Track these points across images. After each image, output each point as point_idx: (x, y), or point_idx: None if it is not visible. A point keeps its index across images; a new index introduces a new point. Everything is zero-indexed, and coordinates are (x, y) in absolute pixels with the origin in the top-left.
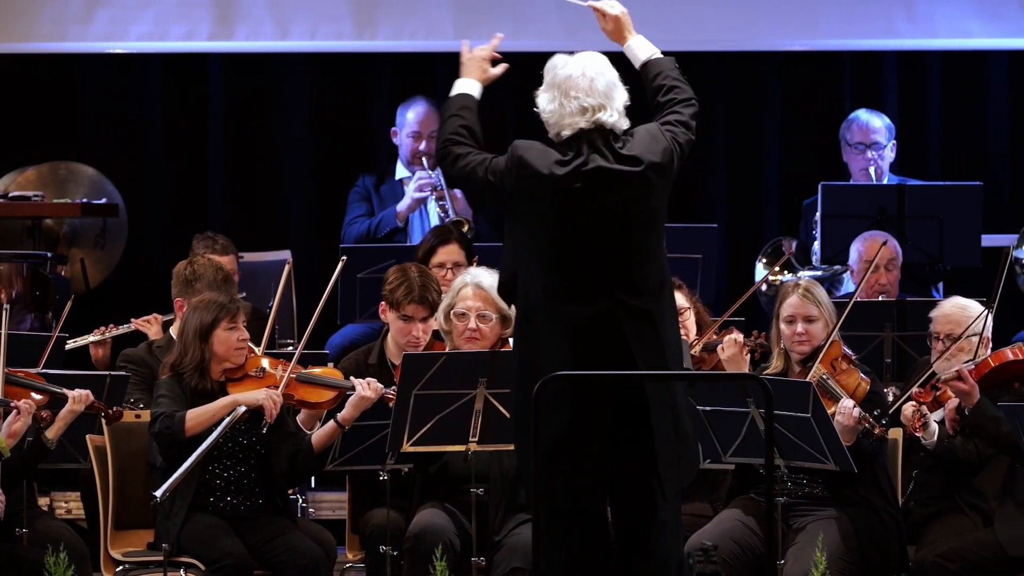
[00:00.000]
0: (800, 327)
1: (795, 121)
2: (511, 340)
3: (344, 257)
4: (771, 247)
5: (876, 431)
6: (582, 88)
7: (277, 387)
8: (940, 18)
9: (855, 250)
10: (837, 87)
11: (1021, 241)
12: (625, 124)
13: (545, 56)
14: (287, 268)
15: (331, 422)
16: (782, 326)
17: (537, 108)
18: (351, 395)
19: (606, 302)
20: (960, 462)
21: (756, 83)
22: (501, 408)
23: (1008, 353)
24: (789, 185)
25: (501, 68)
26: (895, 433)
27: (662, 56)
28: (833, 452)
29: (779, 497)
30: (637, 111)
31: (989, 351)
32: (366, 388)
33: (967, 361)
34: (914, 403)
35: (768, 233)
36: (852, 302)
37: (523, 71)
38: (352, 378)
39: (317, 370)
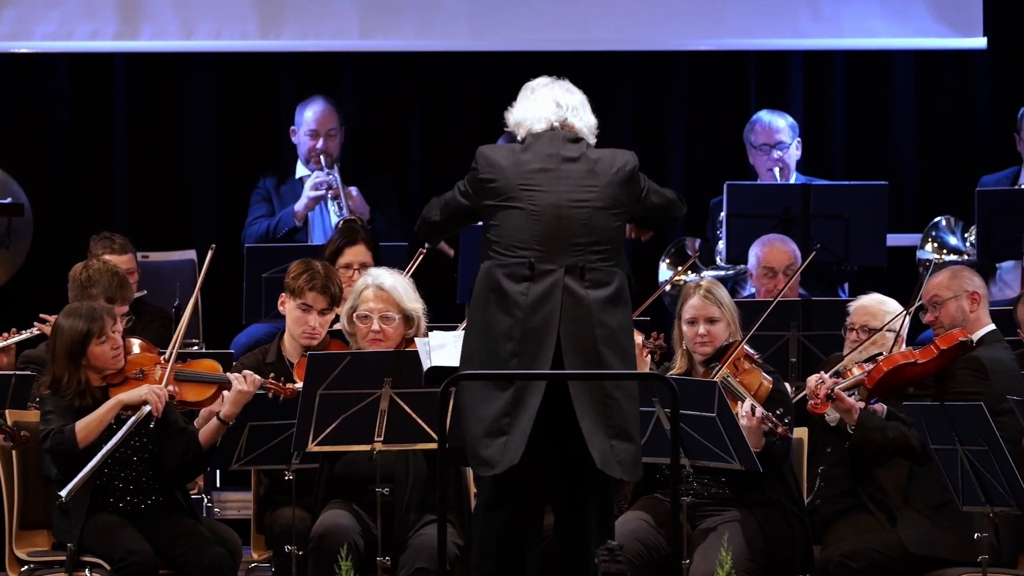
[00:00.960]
0: (702, 328)
1: (701, 120)
2: (416, 340)
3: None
4: (674, 247)
5: (780, 430)
6: (558, 93)
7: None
8: (846, 18)
9: (754, 255)
10: (743, 86)
11: (924, 241)
12: (592, 142)
13: (452, 56)
14: (208, 256)
15: (214, 418)
16: (684, 327)
17: (508, 126)
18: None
19: (556, 279)
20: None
21: (662, 82)
22: (406, 408)
23: (899, 358)
24: (695, 184)
25: None
26: (800, 432)
27: None
28: (739, 452)
29: (684, 497)
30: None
31: (904, 345)
32: (242, 382)
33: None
34: (818, 375)
35: (672, 232)
36: (773, 303)
37: (429, 71)
38: (230, 373)
39: (196, 366)
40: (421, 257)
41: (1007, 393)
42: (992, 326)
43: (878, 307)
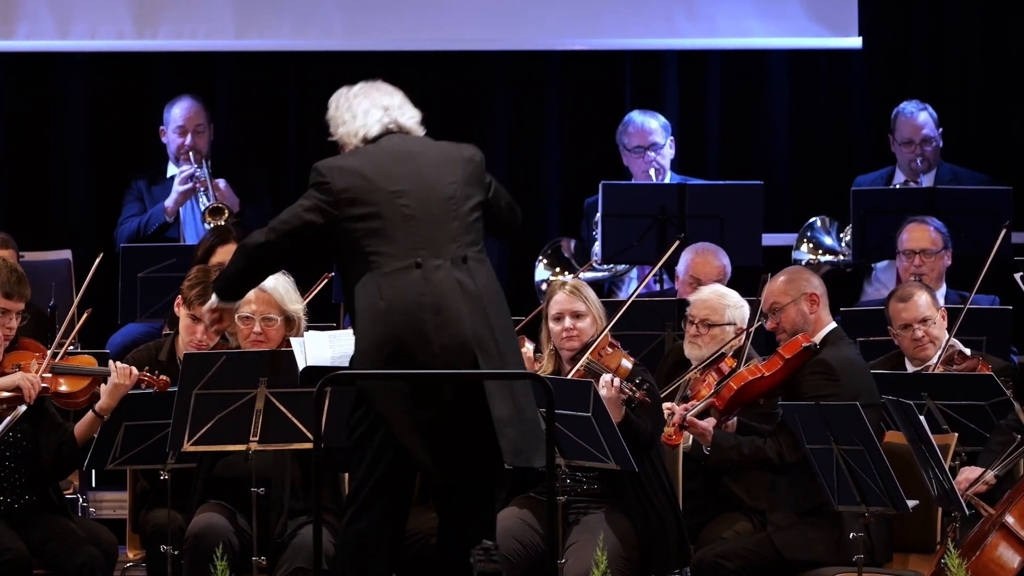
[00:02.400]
0: (568, 323)
1: (576, 120)
2: (292, 340)
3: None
4: (550, 248)
5: (638, 395)
6: (380, 96)
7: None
8: (721, 17)
9: (684, 260)
10: (618, 86)
11: (800, 242)
12: (421, 133)
13: (327, 55)
14: (95, 264)
15: (90, 412)
16: (551, 324)
17: (333, 136)
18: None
19: (447, 272)
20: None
21: (536, 82)
22: (282, 408)
23: (747, 374)
24: (570, 184)
25: None
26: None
27: None
28: (614, 451)
29: (560, 495)
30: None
31: (747, 339)
32: (119, 374)
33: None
34: (668, 406)
35: (549, 232)
36: (630, 300)
37: (304, 71)
38: (110, 363)
39: (73, 361)
40: (324, 282)
41: (858, 389)
42: (834, 325)
43: (718, 300)
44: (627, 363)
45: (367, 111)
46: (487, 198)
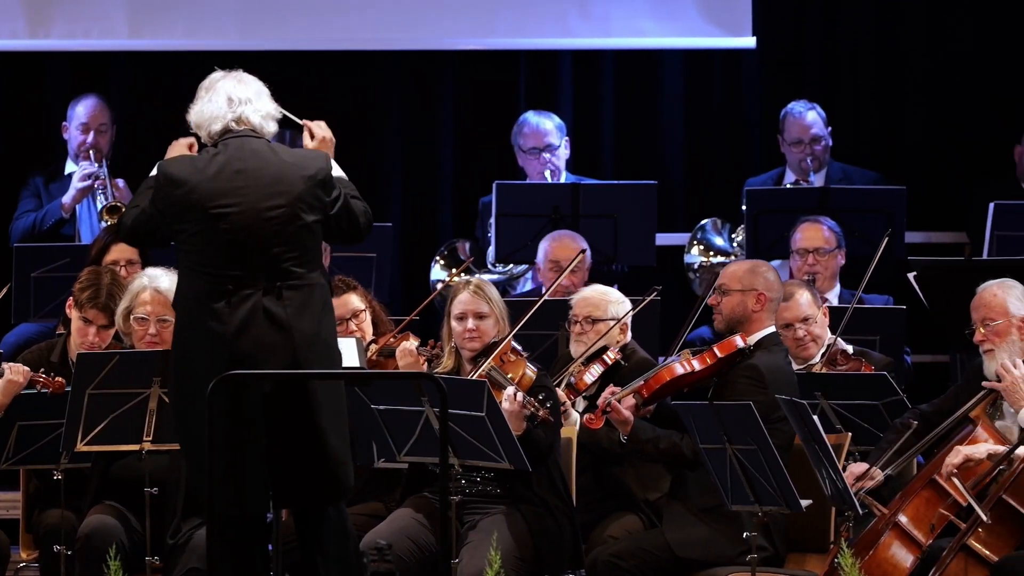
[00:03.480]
0: (471, 323)
1: (470, 120)
2: None
3: None
4: (447, 248)
5: (541, 413)
6: (230, 86)
7: None
8: (615, 17)
9: (543, 248)
10: (512, 86)
11: (691, 245)
12: (273, 128)
13: (220, 55)
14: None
15: None
16: (453, 323)
17: (190, 122)
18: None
19: (255, 302)
20: (604, 451)
21: (430, 82)
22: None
23: (678, 367)
24: (464, 184)
25: None
26: (568, 432)
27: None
28: (507, 450)
29: (454, 495)
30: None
31: (628, 336)
32: (12, 372)
33: (632, 386)
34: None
35: (443, 232)
36: (541, 301)
37: (197, 71)
38: (3, 364)
39: None
40: None
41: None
42: (772, 329)
43: (601, 298)
44: (531, 373)
45: (213, 104)
46: (327, 215)
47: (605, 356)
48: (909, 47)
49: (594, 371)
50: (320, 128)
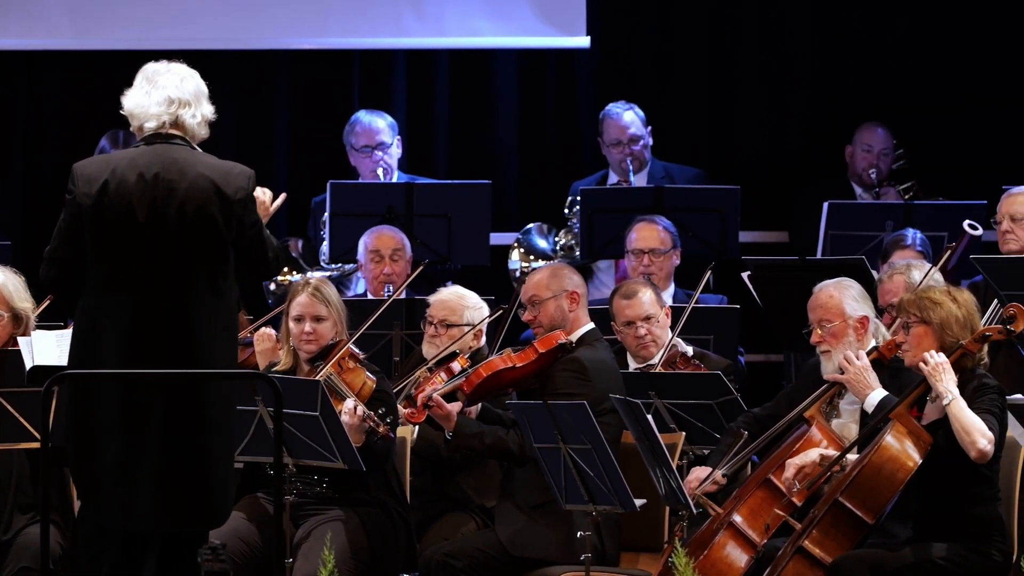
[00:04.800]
0: (308, 326)
1: (304, 119)
2: (19, 339)
3: None
4: (279, 246)
5: (381, 429)
6: (172, 85)
7: None
8: (449, 17)
9: (362, 243)
10: (346, 85)
11: (513, 250)
12: (205, 133)
13: (56, 55)
14: None
15: None
16: (291, 324)
17: (124, 110)
18: None
19: (161, 310)
20: (442, 460)
21: (265, 81)
22: (8, 407)
23: (498, 362)
24: (298, 183)
25: None
26: (404, 432)
27: None
28: (342, 451)
29: (288, 496)
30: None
31: (483, 342)
32: None
33: (453, 377)
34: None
35: (276, 231)
36: (387, 304)
37: (33, 71)
38: None
39: None
40: None
41: (608, 392)
42: (591, 325)
43: (457, 301)
44: (371, 382)
45: (152, 99)
46: (238, 238)
47: (452, 364)
48: (741, 47)
49: (440, 377)
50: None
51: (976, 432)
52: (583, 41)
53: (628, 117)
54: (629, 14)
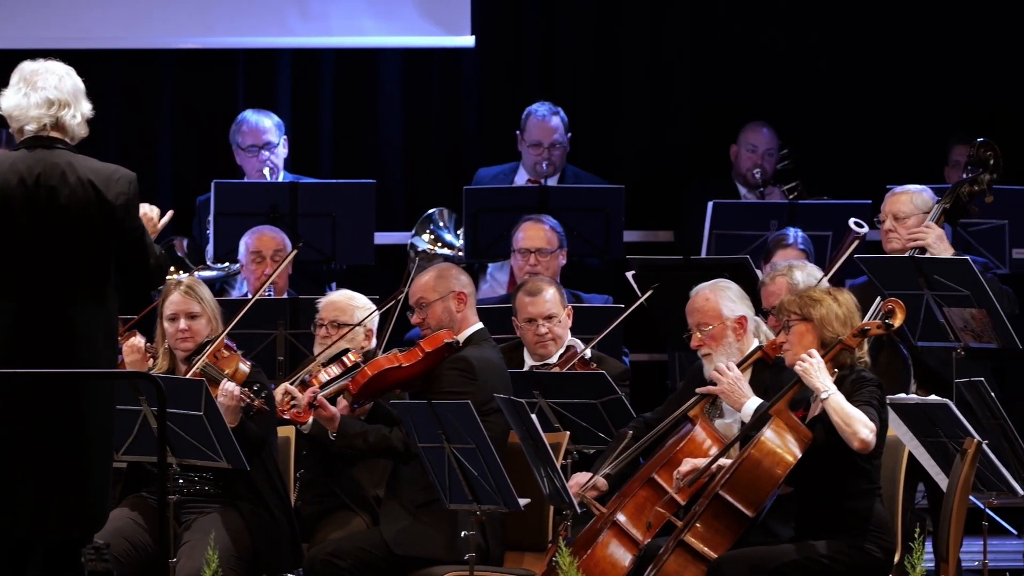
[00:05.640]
0: (183, 324)
1: (189, 119)
2: None
3: None
4: (163, 247)
5: (256, 403)
6: (51, 83)
7: None
8: (334, 16)
9: (244, 244)
10: (231, 85)
11: (421, 230)
12: (85, 132)
13: None
14: None
15: None
16: (166, 324)
17: (2, 111)
18: None
19: (37, 304)
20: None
21: (149, 81)
22: None
23: (383, 362)
24: (183, 183)
25: None
26: (287, 431)
27: None
28: (225, 450)
29: (172, 495)
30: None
31: (373, 343)
32: None
33: (340, 375)
34: (285, 387)
35: (162, 231)
36: (253, 301)
37: None
38: None
39: None
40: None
41: (494, 390)
42: (480, 325)
43: (347, 303)
44: (244, 367)
45: (31, 100)
46: (119, 244)
47: (345, 358)
48: (625, 46)
49: (331, 371)
50: None
51: (857, 423)
52: (468, 40)
53: (555, 121)
54: (514, 14)
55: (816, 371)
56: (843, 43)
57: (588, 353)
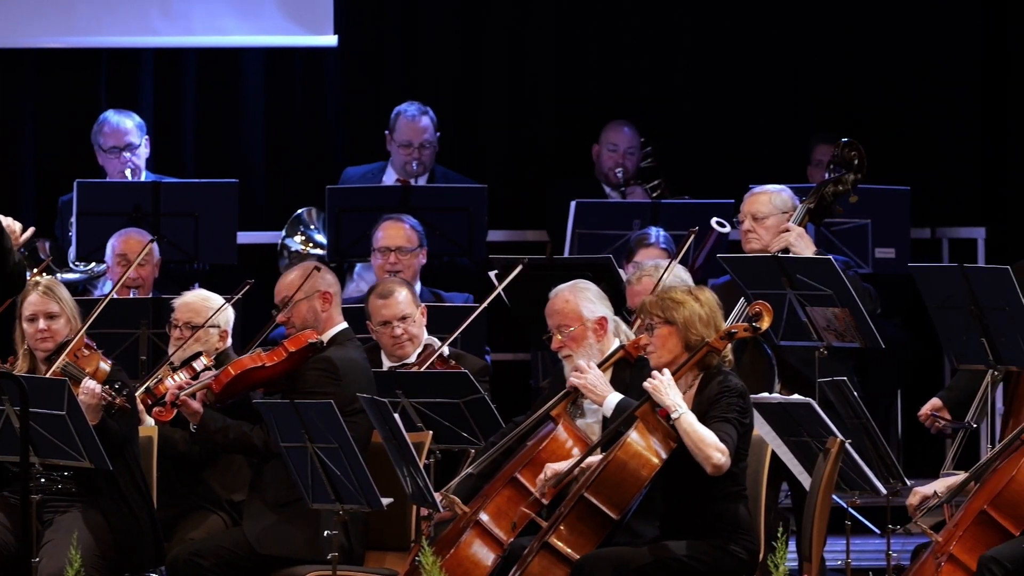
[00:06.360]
0: (42, 324)
1: (51, 119)
2: None
3: None
4: (27, 249)
5: (118, 400)
6: None
7: None
8: (196, 16)
9: (110, 246)
10: (93, 85)
11: (292, 231)
12: None
13: None
14: None
15: None
16: (25, 325)
17: None
18: None
19: None
20: (181, 455)
21: (11, 81)
22: None
23: (247, 361)
24: (45, 183)
25: None
26: (150, 431)
27: None
28: (88, 450)
29: (34, 495)
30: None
31: (228, 343)
32: None
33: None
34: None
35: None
36: (107, 299)
37: None
38: None
39: None
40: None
41: (358, 390)
42: (344, 325)
43: (201, 303)
44: (105, 366)
45: None
46: None
47: (195, 363)
48: (487, 45)
49: (178, 377)
50: None
51: (709, 447)
52: (330, 40)
53: (424, 121)
54: (376, 13)
55: (665, 388)
56: (706, 41)
57: (446, 351)
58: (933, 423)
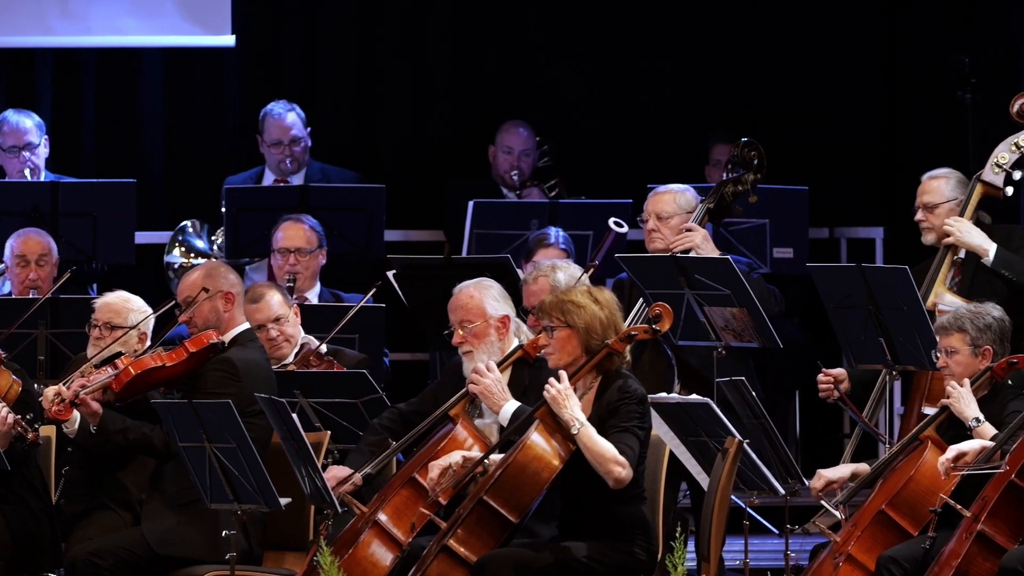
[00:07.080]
0: None
1: None
2: None
3: None
4: None
5: (30, 436)
6: None
7: None
8: (95, 16)
9: (8, 247)
10: None
11: (172, 246)
12: None
13: None
14: None
15: None
16: None
17: None
18: None
19: None
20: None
21: None
22: None
23: (148, 361)
24: None
25: None
26: (48, 431)
27: None
28: None
29: None
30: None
31: (147, 346)
32: None
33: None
34: (58, 388)
35: None
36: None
37: None
38: None
39: None
40: None
41: (257, 391)
42: (247, 325)
43: (122, 304)
44: (17, 386)
45: None
46: None
47: (118, 361)
48: (385, 46)
49: (94, 379)
50: None
51: (608, 462)
52: (228, 40)
53: (291, 118)
54: (274, 14)
55: (564, 400)
56: (602, 40)
57: (324, 348)
58: (830, 392)
